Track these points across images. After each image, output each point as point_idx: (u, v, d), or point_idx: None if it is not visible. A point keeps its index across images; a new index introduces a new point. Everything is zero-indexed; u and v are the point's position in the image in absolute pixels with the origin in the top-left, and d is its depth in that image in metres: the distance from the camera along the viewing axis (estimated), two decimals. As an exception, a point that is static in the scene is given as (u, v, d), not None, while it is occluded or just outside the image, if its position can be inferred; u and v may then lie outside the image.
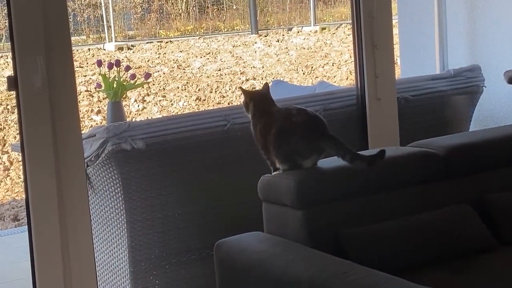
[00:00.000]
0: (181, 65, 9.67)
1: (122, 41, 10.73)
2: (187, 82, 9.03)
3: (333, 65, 9.80)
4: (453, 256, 2.49)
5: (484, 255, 2.52)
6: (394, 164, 2.68)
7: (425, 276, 2.34)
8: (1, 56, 9.35)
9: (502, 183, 2.80)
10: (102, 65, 3.62)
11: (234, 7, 12.17)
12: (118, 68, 3.47)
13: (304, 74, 9.51)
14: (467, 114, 3.82)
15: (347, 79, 9.14)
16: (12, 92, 2.65)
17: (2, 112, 7.79)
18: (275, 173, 2.59)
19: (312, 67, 9.72)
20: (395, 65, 3.54)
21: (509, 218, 2.68)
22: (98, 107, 8.04)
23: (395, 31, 3.71)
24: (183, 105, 8.43)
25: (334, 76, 9.35)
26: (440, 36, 4.19)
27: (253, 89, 2.70)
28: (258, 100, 2.65)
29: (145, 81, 3.88)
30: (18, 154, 5.61)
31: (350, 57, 9.32)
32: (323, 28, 11.75)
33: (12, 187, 6.48)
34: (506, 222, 2.67)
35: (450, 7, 4.21)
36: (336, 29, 11.73)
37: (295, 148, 2.51)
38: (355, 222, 2.51)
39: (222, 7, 12.09)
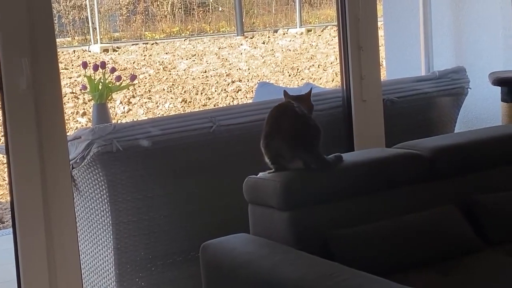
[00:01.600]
0: (166, 67, 9.65)
1: (107, 43, 10.69)
2: (172, 84, 9.02)
3: (319, 67, 9.81)
4: (439, 257, 2.50)
5: (470, 256, 2.53)
6: (380, 165, 2.68)
7: (411, 277, 2.35)
8: (-14, 58, 9.27)
9: (488, 184, 2.81)
10: (88, 67, 3.60)
11: (220, 9, 12.16)
12: (104, 70, 3.46)
13: (290, 76, 9.52)
14: (452, 115, 3.84)
15: (332, 81, 9.16)
16: (-4, 94, 2.63)
17: (-13, 114, 7.74)
18: (260, 174, 2.59)
19: (298, 69, 9.73)
20: (381, 66, 3.55)
21: (495, 219, 2.69)
22: (84, 109, 8.01)
23: (381, 33, 3.72)
24: (168, 107, 8.41)
25: (320, 78, 9.36)
26: (425, 38, 4.20)
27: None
28: None
29: (130, 83, 3.88)
30: (3, 156, 5.58)
31: (336, 59, 9.34)
32: (309, 30, 11.77)
33: (-4, 189, 6.44)
34: (492, 223, 2.68)
35: (435, 9, 4.23)
36: (322, 31, 11.75)
37: (279, 152, 2.52)
38: (342, 223, 2.52)
39: (208, 9, 12.08)
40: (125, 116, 8.09)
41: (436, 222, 2.61)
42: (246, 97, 8.63)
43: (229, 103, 8.45)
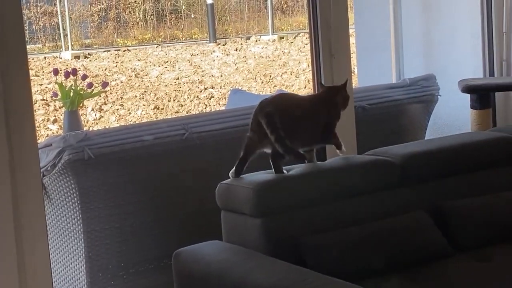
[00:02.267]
0: (139, 74, 9.62)
1: (78, 50, 10.62)
2: (145, 91, 8.98)
3: (291, 73, 9.85)
4: (410, 263, 2.52)
5: (440, 261, 2.56)
6: (351, 172, 2.70)
7: (383, 283, 2.37)
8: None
9: (457, 190, 2.84)
10: (59, 74, 3.58)
11: (192, 16, 12.15)
12: (75, 77, 3.43)
13: (262, 82, 9.54)
14: (422, 122, 3.88)
15: (305, 87, 9.19)
16: (-34, 101, 2.60)
17: (-44, 121, 7.62)
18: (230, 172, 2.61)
19: (270, 76, 9.75)
20: (352, 74, 3.57)
21: (464, 224, 2.72)
22: (55, 116, 7.95)
23: (352, 40, 3.75)
24: (141, 114, 8.38)
25: (292, 85, 9.39)
26: (396, 46, 4.25)
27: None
28: None
29: (102, 90, 3.86)
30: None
31: (308, 66, 9.38)
32: (281, 37, 11.81)
33: (-35, 197, 6.35)
34: (461, 228, 2.71)
35: (405, 18, 4.28)
36: (294, 38, 11.80)
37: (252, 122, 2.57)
38: (314, 230, 2.53)
39: (180, 15, 12.06)
40: (97, 123, 8.04)
41: (407, 228, 2.63)
42: (219, 104, 8.62)
43: (201, 110, 8.44)
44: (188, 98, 8.83)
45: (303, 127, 2.59)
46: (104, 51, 10.68)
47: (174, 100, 8.75)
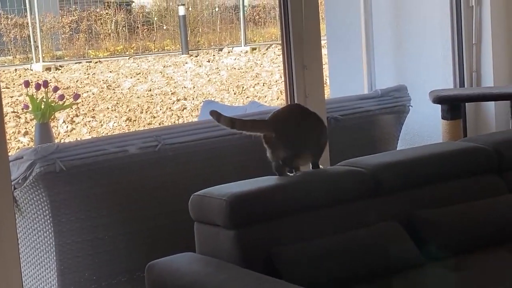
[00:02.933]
0: (110, 86, 9.58)
1: (50, 61, 10.55)
2: (117, 103, 8.94)
3: (264, 85, 9.87)
4: (382, 273, 2.53)
5: (412, 271, 2.57)
6: (324, 183, 2.71)
7: (356, 293, 2.37)
8: None
9: (429, 199, 2.86)
10: (30, 86, 3.56)
11: (165, 27, 12.14)
12: (46, 89, 3.42)
13: (235, 94, 9.55)
14: (394, 132, 3.91)
15: (277, 99, 9.22)
16: None
17: None
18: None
19: (243, 87, 9.76)
20: (325, 85, 3.59)
21: (436, 234, 2.74)
22: (26, 128, 7.88)
23: (324, 51, 3.78)
24: (113, 126, 8.33)
25: (265, 96, 9.41)
26: (368, 57, 4.28)
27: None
28: None
29: (74, 101, 3.84)
30: None
31: (281, 77, 9.41)
32: (254, 49, 11.84)
33: None
34: (433, 238, 2.73)
35: (377, 29, 4.32)
36: (267, 49, 11.84)
37: None
38: (288, 240, 2.53)
39: (152, 27, 12.04)
40: (69, 135, 7.98)
41: (379, 238, 2.64)
42: (192, 115, 8.61)
43: (174, 122, 8.42)
44: (160, 109, 8.80)
45: (300, 138, 2.64)
46: (76, 63, 10.62)
47: (146, 112, 8.72)
